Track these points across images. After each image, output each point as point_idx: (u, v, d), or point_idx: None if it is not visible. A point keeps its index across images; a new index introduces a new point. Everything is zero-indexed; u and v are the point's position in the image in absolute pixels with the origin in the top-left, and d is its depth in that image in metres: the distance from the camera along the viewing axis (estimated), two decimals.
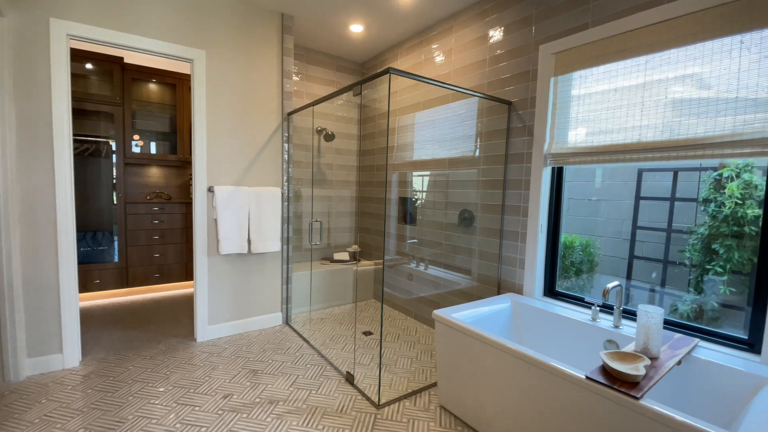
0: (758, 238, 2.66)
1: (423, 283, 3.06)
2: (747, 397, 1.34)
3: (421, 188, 3.19)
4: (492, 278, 2.47)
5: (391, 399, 1.97)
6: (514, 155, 2.32)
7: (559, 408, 1.37)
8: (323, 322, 3.07)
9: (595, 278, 3.68)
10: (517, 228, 2.31)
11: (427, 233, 3.03)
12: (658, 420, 1.11)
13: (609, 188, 3.73)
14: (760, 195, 2.64)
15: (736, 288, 2.73)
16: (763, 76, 1.41)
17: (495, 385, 1.61)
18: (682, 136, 1.65)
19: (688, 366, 1.52)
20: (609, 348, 1.80)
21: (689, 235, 3.10)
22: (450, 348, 1.83)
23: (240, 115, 2.66)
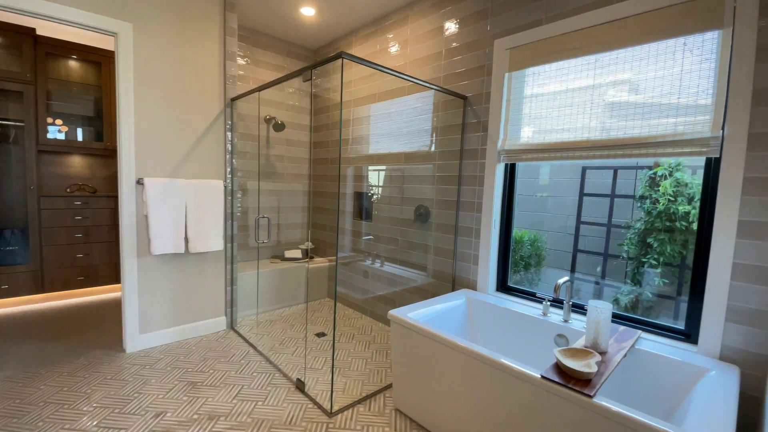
0: (687, 232, 2.89)
1: (379, 281, 2.98)
2: (687, 386, 1.40)
3: (378, 183, 3.10)
4: (447, 274, 2.44)
5: (345, 405, 1.87)
6: (469, 151, 2.29)
7: (515, 407, 1.35)
8: (273, 325, 2.88)
9: (542, 272, 3.83)
10: (471, 224, 2.29)
11: (384, 229, 2.95)
12: (610, 417, 1.10)
13: (555, 185, 3.88)
14: (689, 192, 2.86)
15: (668, 279, 2.94)
16: (704, 78, 1.47)
17: (451, 385, 1.56)
18: (628, 134, 1.69)
19: (632, 358, 1.57)
20: (559, 342, 1.83)
21: (627, 229, 3.30)
22: (405, 348, 1.76)
23: (175, 98, 2.38)
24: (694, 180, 2.80)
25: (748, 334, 1.40)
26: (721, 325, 1.46)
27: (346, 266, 3.30)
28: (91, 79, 3.38)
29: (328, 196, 3.52)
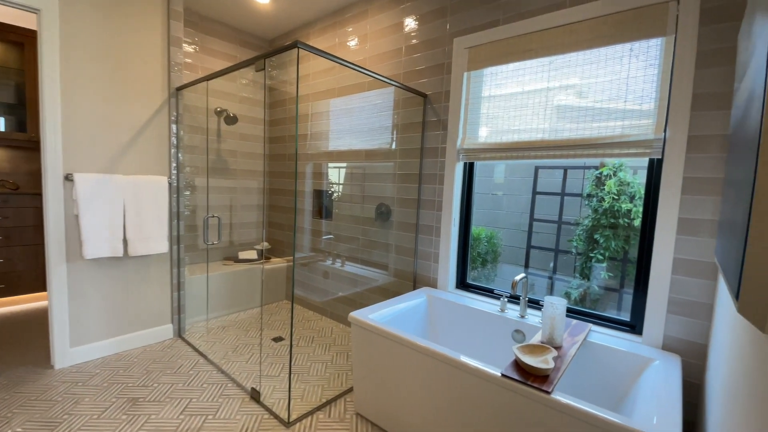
0: (629, 229, 3.09)
1: (339, 281, 2.91)
2: (635, 375, 1.47)
3: (338, 180, 3.02)
4: (408, 273, 2.43)
5: (303, 413, 1.79)
6: (429, 149, 2.28)
7: (477, 405, 1.34)
8: (225, 332, 2.72)
9: (498, 267, 3.94)
10: (431, 222, 2.29)
11: (344, 228, 2.88)
12: (566, 412, 1.12)
13: (509, 184, 4.01)
14: (631, 191, 3.06)
15: (613, 273, 3.13)
16: (648, 83, 1.55)
17: (413, 387, 1.54)
18: (579, 136, 1.75)
19: (584, 351, 1.63)
20: (516, 338, 1.87)
21: (576, 226, 3.48)
22: (366, 351, 1.71)
23: (110, 85, 2.15)
24: (635, 180, 3.00)
25: (687, 325, 1.50)
26: (663, 317, 1.55)
27: (305, 267, 3.19)
28: (12, 62, 3.00)
29: (286, 194, 3.38)
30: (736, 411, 0.78)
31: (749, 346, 0.68)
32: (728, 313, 1.07)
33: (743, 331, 0.75)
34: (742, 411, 0.73)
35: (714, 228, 1.42)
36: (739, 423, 0.74)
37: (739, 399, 0.75)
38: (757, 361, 0.59)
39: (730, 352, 0.92)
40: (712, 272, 1.44)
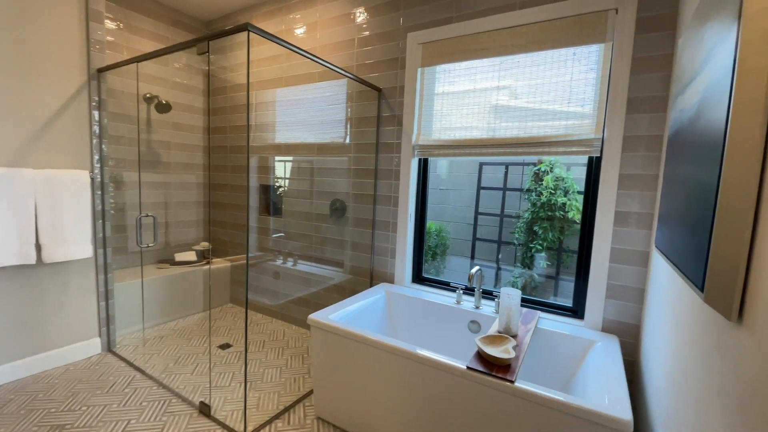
0: (564, 220, 3.36)
1: (291, 281, 2.79)
2: (581, 357, 1.60)
3: (287, 175, 2.88)
4: (365, 269, 2.40)
5: (261, 423, 1.69)
6: (384, 144, 2.26)
7: (442, 399, 1.36)
8: (164, 342, 2.47)
9: (447, 260, 4.08)
10: (388, 218, 2.28)
11: (295, 225, 2.76)
12: (529, 399, 1.18)
13: (455, 179, 4.15)
14: (565, 185, 3.32)
15: (551, 261, 3.38)
16: (589, 86, 1.67)
17: (378, 385, 1.52)
18: (527, 134, 1.84)
19: (534, 337, 1.73)
20: (473, 328, 1.93)
21: (517, 219, 3.71)
22: (327, 353, 1.65)
23: (10, 61, 1.82)
24: (569, 175, 3.26)
25: (622, 308, 1.66)
26: (603, 302, 1.70)
27: (253, 267, 3.01)
28: None
29: (228, 189, 3.15)
30: (685, 390, 0.87)
31: (707, 331, 0.74)
32: (669, 296, 1.18)
33: (699, 314, 0.82)
34: (691, 389, 0.81)
35: (647, 220, 1.58)
36: (688, 398, 0.83)
37: (691, 380, 0.83)
38: (720, 346, 0.64)
39: (678, 335, 1.01)
40: (644, 260, 1.60)
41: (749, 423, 0.52)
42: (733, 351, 0.58)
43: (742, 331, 0.56)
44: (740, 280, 0.55)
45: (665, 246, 0.96)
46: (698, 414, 0.74)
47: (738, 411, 0.55)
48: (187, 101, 3.09)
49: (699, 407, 0.74)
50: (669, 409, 0.98)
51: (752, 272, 0.54)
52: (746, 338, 0.54)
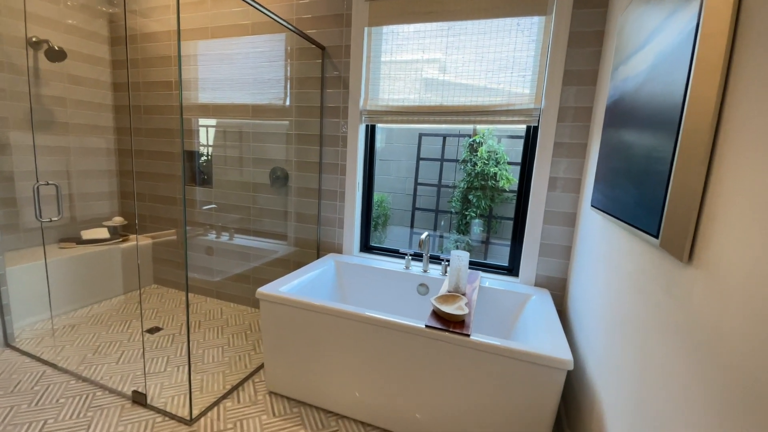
0: (494, 189, 3.59)
1: (228, 256, 2.59)
2: (519, 309, 1.76)
3: (217, 141, 2.61)
4: (311, 241, 2.32)
5: (207, 405, 1.58)
6: (330, 108, 2.15)
7: (400, 359, 1.40)
8: (78, 330, 2.16)
9: (388, 230, 4.15)
10: (335, 187, 2.21)
11: (230, 196, 2.54)
12: (483, 350, 1.27)
13: (395, 150, 4.18)
14: (497, 156, 3.54)
15: (483, 227, 3.62)
16: (530, 57, 1.75)
17: (334, 353, 1.51)
18: (474, 102, 1.89)
19: (481, 294, 1.86)
20: (421, 291, 2.01)
21: (453, 189, 3.89)
22: (280, 326, 1.59)
23: None
24: (501, 147, 3.48)
25: (552, 264, 1.85)
26: (536, 259, 1.87)
27: (181, 243, 2.73)
28: None
29: (146, 156, 2.77)
30: (622, 331, 0.99)
31: (654, 275, 0.84)
32: (602, 249, 1.33)
33: (644, 261, 0.92)
34: (631, 329, 0.93)
35: (575, 184, 1.75)
36: (625, 337, 0.95)
37: (631, 321, 0.95)
38: (669, 285, 0.73)
39: (615, 282, 1.14)
40: (572, 221, 1.79)
41: (697, 354, 0.61)
42: (682, 289, 0.67)
43: (691, 270, 0.64)
44: (692, 225, 0.63)
45: (605, 204, 1.07)
46: (639, 350, 0.86)
47: (685, 341, 0.65)
48: (88, 50, 2.58)
49: (640, 343, 0.86)
50: (603, 350, 1.13)
51: (703, 218, 0.62)
52: (696, 276, 0.63)
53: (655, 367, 0.74)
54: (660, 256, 0.77)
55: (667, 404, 0.68)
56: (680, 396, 0.64)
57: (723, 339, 0.54)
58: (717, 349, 0.55)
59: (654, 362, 0.75)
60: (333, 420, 1.54)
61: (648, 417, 0.76)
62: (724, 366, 0.53)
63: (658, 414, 0.72)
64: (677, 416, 0.64)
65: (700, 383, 0.59)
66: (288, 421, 1.52)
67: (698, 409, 0.58)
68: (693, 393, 0.60)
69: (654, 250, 0.80)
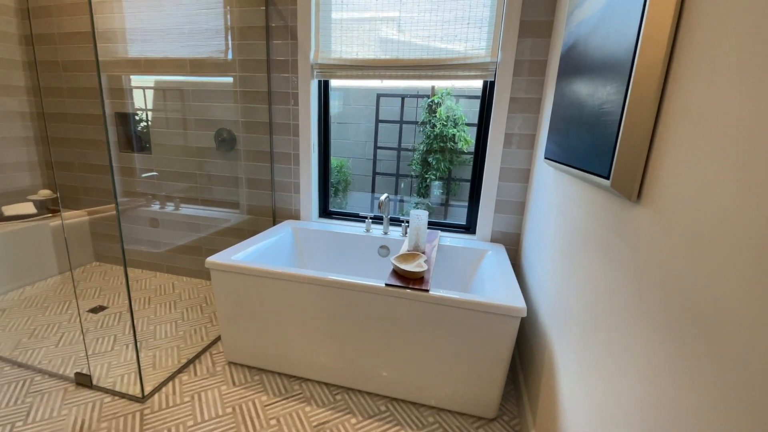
0: (453, 152, 3.60)
1: (175, 228, 2.42)
2: (475, 264, 1.80)
3: (152, 101, 2.35)
4: (266, 208, 2.21)
5: (161, 381, 1.51)
6: (278, 62, 1.98)
7: (361, 319, 1.40)
8: (8, 315, 1.96)
9: (348, 196, 4.08)
10: (288, 149, 2.09)
11: (173, 162, 2.34)
12: (442, 303, 1.29)
13: (354, 112, 4.04)
14: (455, 117, 3.51)
15: (443, 190, 3.65)
16: (487, 7, 1.69)
17: (293, 318, 1.48)
18: (430, 56, 1.82)
19: (440, 252, 1.88)
20: (382, 253, 2.00)
21: (413, 152, 3.85)
22: (233, 296, 1.52)
23: None
24: (459, 107, 3.45)
25: (506, 220, 1.89)
26: (492, 217, 1.90)
27: (121, 215, 2.51)
28: None
29: (71, 120, 2.46)
30: (574, 275, 1.02)
31: (604, 216, 0.86)
32: (556, 199, 1.36)
33: (595, 205, 0.93)
34: (583, 272, 0.95)
35: (529, 140, 1.76)
36: (577, 281, 0.98)
37: (583, 264, 0.98)
38: (618, 225, 0.74)
39: (568, 230, 1.17)
40: (525, 176, 1.82)
41: (643, 287, 0.63)
42: (630, 227, 0.68)
43: (639, 209, 0.65)
44: (641, 163, 0.63)
45: (558, 154, 1.08)
46: (590, 293, 0.89)
47: (632, 276, 0.66)
48: None
49: (590, 287, 0.88)
50: (555, 296, 1.17)
51: (652, 156, 0.62)
52: (644, 213, 0.64)
53: (605, 308, 0.77)
54: (609, 198, 0.78)
55: (611, 334, 0.71)
56: (626, 326, 0.67)
57: (669, 273, 0.55)
58: (663, 283, 0.57)
59: (604, 304, 0.78)
60: (296, 384, 1.54)
61: (594, 349, 0.80)
62: (669, 299, 0.55)
63: (603, 346, 0.75)
64: (620, 346, 0.67)
65: (644, 316, 0.61)
66: (249, 389, 1.50)
67: (642, 339, 0.61)
68: (639, 323, 0.62)
69: (604, 193, 0.82)
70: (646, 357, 0.58)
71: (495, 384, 1.34)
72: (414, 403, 1.46)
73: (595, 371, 0.78)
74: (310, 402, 1.44)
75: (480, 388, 1.36)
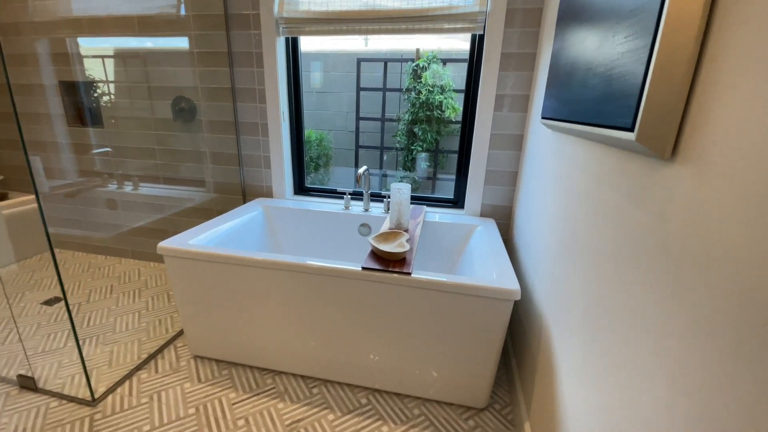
0: (441, 121, 3.39)
1: (137, 209, 2.21)
2: (464, 241, 1.65)
3: (101, 67, 2.09)
4: (234, 185, 2.01)
5: (117, 380, 1.36)
6: (238, 18, 1.73)
7: (339, 307, 1.24)
8: None
9: (331, 171, 3.87)
10: (255, 118, 1.87)
11: (128, 137, 2.10)
12: (426, 287, 1.14)
13: (333, 80, 3.76)
14: (442, 82, 3.28)
15: (430, 162, 3.47)
16: None
17: (262, 307, 1.32)
18: (411, 6, 1.59)
19: (425, 228, 1.72)
20: (363, 232, 1.84)
21: (398, 122, 3.62)
22: (194, 285, 1.35)
23: None
24: (446, 71, 3.22)
25: (497, 192, 1.73)
26: (481, 189, 1.74)
27: (72, 198, 2.28)
28: None
29: (6, 92, 2.17)
30: (578, 251, 0.87)
31: (624, 182, 0.70)
32: (555, 167, 1.19)
33: (612, 168, 0.78)
34: (590, 248, 0.80)
35: (522, 102, 1.58)
36: (581, 259, 0.83)
37: (591, 239, 0.82)
38: (645, 188, 0.58)
39: (570, 201, 1.01)
40: (518, 143, 1.65)
41: (671, 259, 0.48)
42: (659, 192, 0.52)
43: (673, 168, 0.49)
44: (678, 112, 0.46)
45: (559, 111, 0.90)
46: (598, 272, 0.74)
47: (658, 252, 0.51)
48: None
49: (600, 265, 0.73)
50: (552, 277, 1.03)
51: (692, 102, 0.45)
52: (680, 174, 0.47)
53: (617, 291, 0.63)
54: (627, 159, 0.62)
55: (625, 323, 0.57)
56: (646, 315, 0.52)
57: (718, 249, 0.40)
58: (707, 261, 0.41)
59: (616, 286, 0.63)
60: (269, 378, 1.40)
61: (603, 339, 0.66)
62: (717, 282, 0.39)
63: (616, 337, 0.61)
64: (640, 341, 0.53)
65: (674, 298, 0.46)
66: (216, 385, 1.35)
67: (674, 332, 0.46)
68: (665, 313, 0.47)
69: (619, 153, 0.65)
70: (680, 355, 0.43)
71: (486, 372, 1.22)
72: (398, 394, 1.34)
73: (602, 364, 0.64)
74: (283, 397, 1.31)
75: (469, 377, 1.24)
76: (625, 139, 0.54)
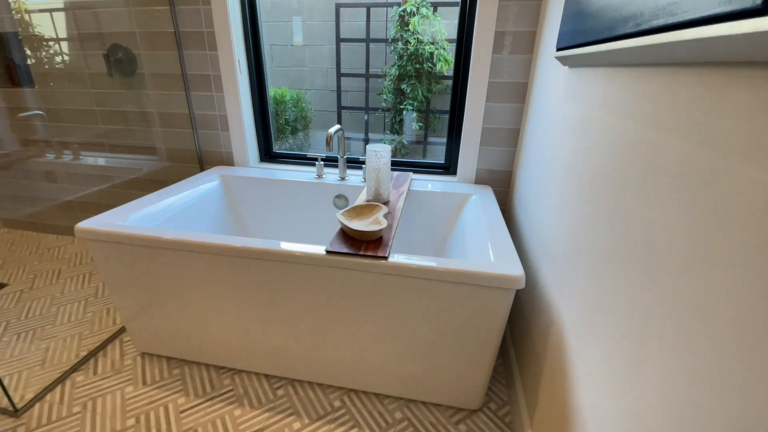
0: (432, 76, 3.05)
1: (80, 182, 1.93)
2: (456, 213, 1.41)
3: (23, 11, 1.73)
4: (189, 151, 1.72)
5: (46, 386, 1.15)
6: None
7: (304, 297, 1.02)
8: None
9: (311, 136, 3.54)
10: (206, 69, 1.55)
11: (63, 97, 1.78)
12: (406, 274, 0.91)
13: (309, 30, 3.34)
14: (433, 30, 2.91)
15: (421, 123, 3.15)
16: None
17: (215, 298, 1.09)
18: None
19: (409, 199, 1.48)
20: (339, 204, 1.59)
21: (384, 78, 3.26)
22: (128, 272, 1.11)
23: None
24: (437, 17, 2.83)
25: (495, 154, 1.47)
26: (476, 151, 1.48)
27: (6, 171, 1.99)
28: None
29: None
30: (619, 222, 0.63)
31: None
32: (575, 112, 0.94)
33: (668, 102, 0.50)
34: (641, 222, 0.56)
35: (528, 40, 1.29)
36: (618, 227, 0.60)
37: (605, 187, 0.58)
38: None
39: (597, 155, 0.76)
40: (521, 94, 1.37)
41: None
42: None
43: None
44: None
45: (592, 31, 0.63)
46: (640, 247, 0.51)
47: (758, 226, 0.27)
48: None
49: (652, 238, 0.50)
50: (569, 254, 0.80)
51: None
52: None
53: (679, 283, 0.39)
54: (712, 87, 0.36)
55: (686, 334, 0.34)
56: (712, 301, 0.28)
57: None
58: None
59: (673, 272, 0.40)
60: (227, 378, 1.20)
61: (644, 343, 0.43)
62: None
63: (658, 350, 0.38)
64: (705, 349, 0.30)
65: None
66: (163, 388, 1.15)
67: None
68: None
69: (715, 78, 0.39)
70: None
71: (480, 370, 1.02)
72: (377, 394, 1.14)
73: (640, 370, 0.42)
74: (242, 401, 1.11)
75: (461, 375, 1.04)
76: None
